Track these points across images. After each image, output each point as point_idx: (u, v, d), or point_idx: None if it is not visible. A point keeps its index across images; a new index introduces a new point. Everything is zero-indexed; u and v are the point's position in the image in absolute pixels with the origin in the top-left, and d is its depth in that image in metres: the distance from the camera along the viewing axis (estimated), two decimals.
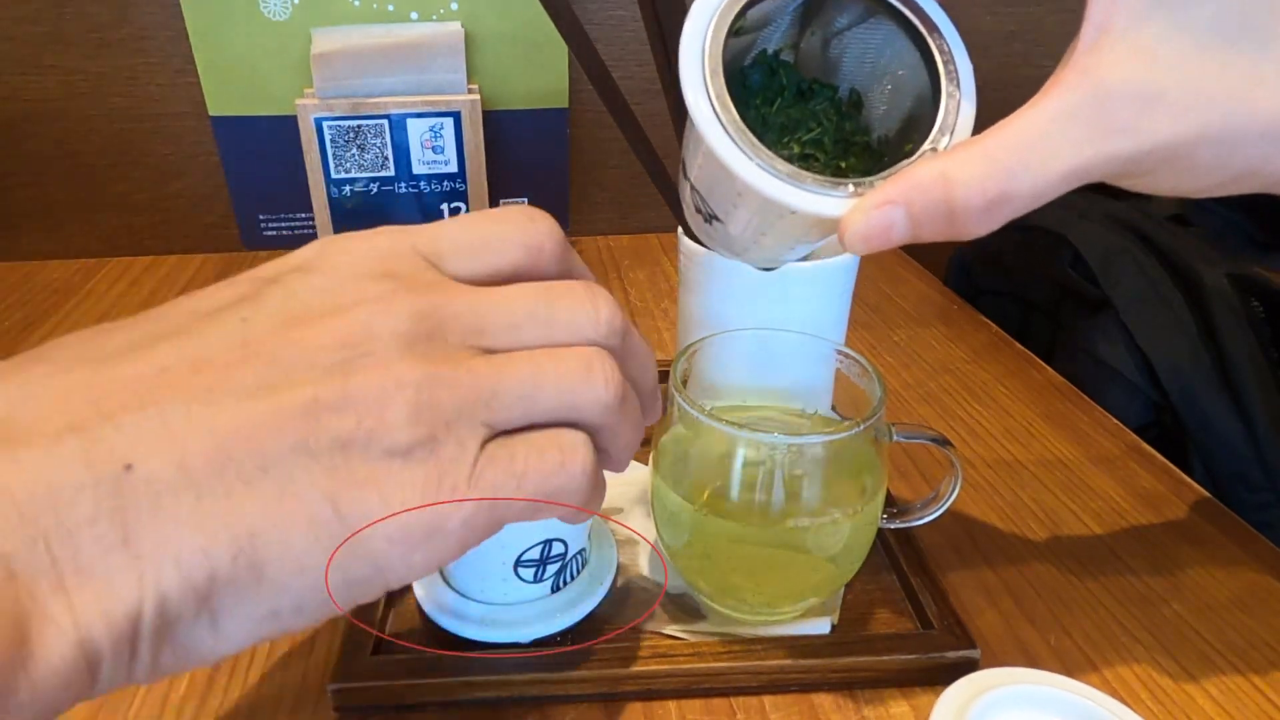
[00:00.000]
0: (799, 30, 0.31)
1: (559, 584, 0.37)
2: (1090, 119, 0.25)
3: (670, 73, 0.38)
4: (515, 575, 0.35)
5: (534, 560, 0.35)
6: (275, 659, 0.36)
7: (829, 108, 0.31)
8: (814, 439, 0.34)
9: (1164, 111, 0.25)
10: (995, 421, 0.54)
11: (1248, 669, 0.36)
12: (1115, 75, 0.25)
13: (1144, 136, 0.25)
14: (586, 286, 0.27)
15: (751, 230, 0.31)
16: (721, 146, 0.26)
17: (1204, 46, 0.25)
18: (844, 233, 0.26)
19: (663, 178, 0.43)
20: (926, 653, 0.35)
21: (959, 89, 0.28)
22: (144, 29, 0.73)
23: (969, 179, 0.25)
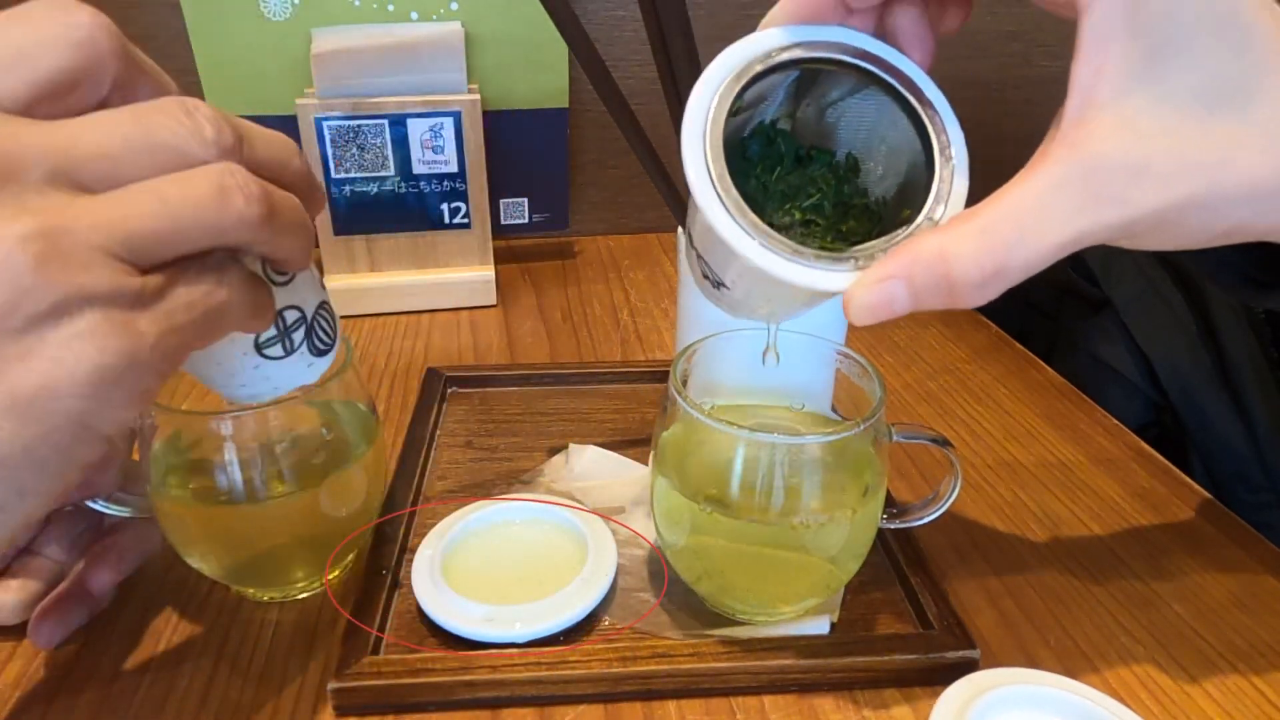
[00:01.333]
0: (794, 102, 0.32)
1: (315, 345, 0.34)
2: (1080, 191, 0.25)
3: (670, 73, 0.38)
4: (263, 357, 0.33)
5: (274, 337, 0.32)
6: (275, 659, 0.36)
7: (827, 173, 0.32)
8: (814, 439, 0.34)
9: (1151, 181, 0.25)
10: (995, 421, 0.54)
11: (1247, 669, 0.36)
12: (1102, 148, 0.25)
13: (1133, 206, 0.25)
14: (179, 102, 0.24)
15: (759, 297, 0.32)
16: (725, 228, 0.27)
17: (1186, 115, 0.25)
18: (849, 307, 0.27)
19: (663, 178, 0.43)
20: (926, 653, 0.35)
21: (952, 159, 0.29)
22: (144, 29, 0.73)
23: (966, 254, 0.26)
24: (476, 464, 0.49)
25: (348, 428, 0.39)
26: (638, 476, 0.47)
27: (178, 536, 0.37)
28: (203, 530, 0.37)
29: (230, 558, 0.37)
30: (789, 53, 0.29)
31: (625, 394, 0.56)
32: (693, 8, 0.36)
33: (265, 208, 0.25)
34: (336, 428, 0.38)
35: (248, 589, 0.39)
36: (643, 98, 0.59)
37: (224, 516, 0.36)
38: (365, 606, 0.37)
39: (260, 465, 0.35)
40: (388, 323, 0.67)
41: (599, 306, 0.70)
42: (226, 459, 0.35)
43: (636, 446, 0.50)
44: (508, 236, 0.80)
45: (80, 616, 0.36)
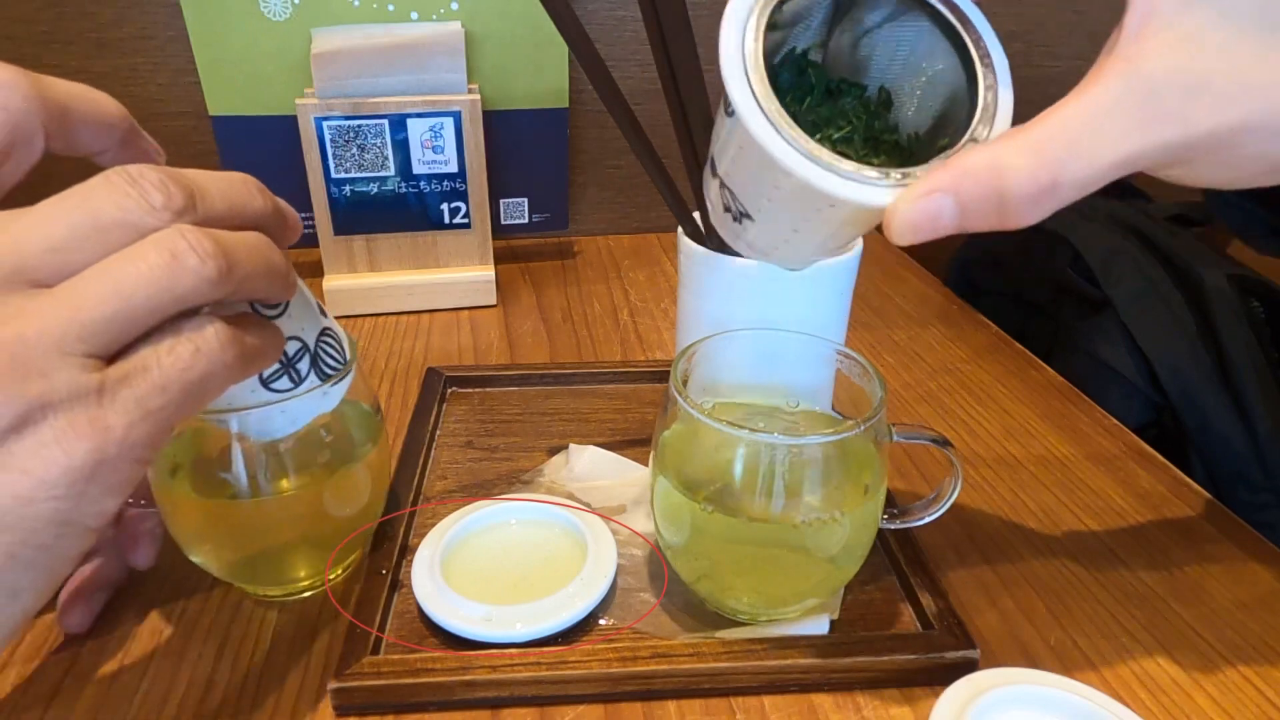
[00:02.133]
0: (828, 29, 0.31)
1: (324, 371, 0.34)
2: (1137, 108, 0.25)
3: (670, 73, 0.38)
4: (272, 392, 0.33)
5: (278, 370, 0.32)
6: (275, 659, 0.36)
7: (858, 106, 0.31)
8: (814, 439, 0.34)
9: (1210, 100, 0.25)
10: (995, 421, 0.54)
11: (1247, 669, 0.36)
12: (1160, 64, 0.25)
13: (1191, 125, 0.25)
14: (122, 173, 0.24)
15: (785, 226, 0.30)
16: (766, 135, 0.26)
17: (1247, 35, 0.25)
18: (891, 222, 0.26)
19: (663, 178, 0.43)
20: (926, 653, 0.35)
21: (996, 78, 0.27)
22: (144, 29, 0.73)
23: (1020, 167, 0.25)
24: (476, 464, 0.49)
25: (352, 427, 0.39)
26: (638, 476, 0.47)
27: (182, 533, 0.37)
28: (207, 527, 0.37)
29: (233, 555, 0.37)
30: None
31: (625, 394, 0.56)
32: (693, 8, 0.36)
33: (221, 261, 0.24)
34: (341, 427, 0.38)
35: (250, 587, 0.39)
36: (643, 98, 0.59)
37: (228, 513, 0.36)
38: (365, 606, 0.37)
39: (265, 463, 0.35)
40: (388, 323, 0.67)
41: (599, 306, 0.70)
42: (232, 457, 0.35)
43: (636, 446, 0.50)
44: (508, 236, 0.81)
45: (103, 598, 0.37)
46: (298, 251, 0.69)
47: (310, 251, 0.68)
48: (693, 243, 0.43)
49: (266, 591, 0.39)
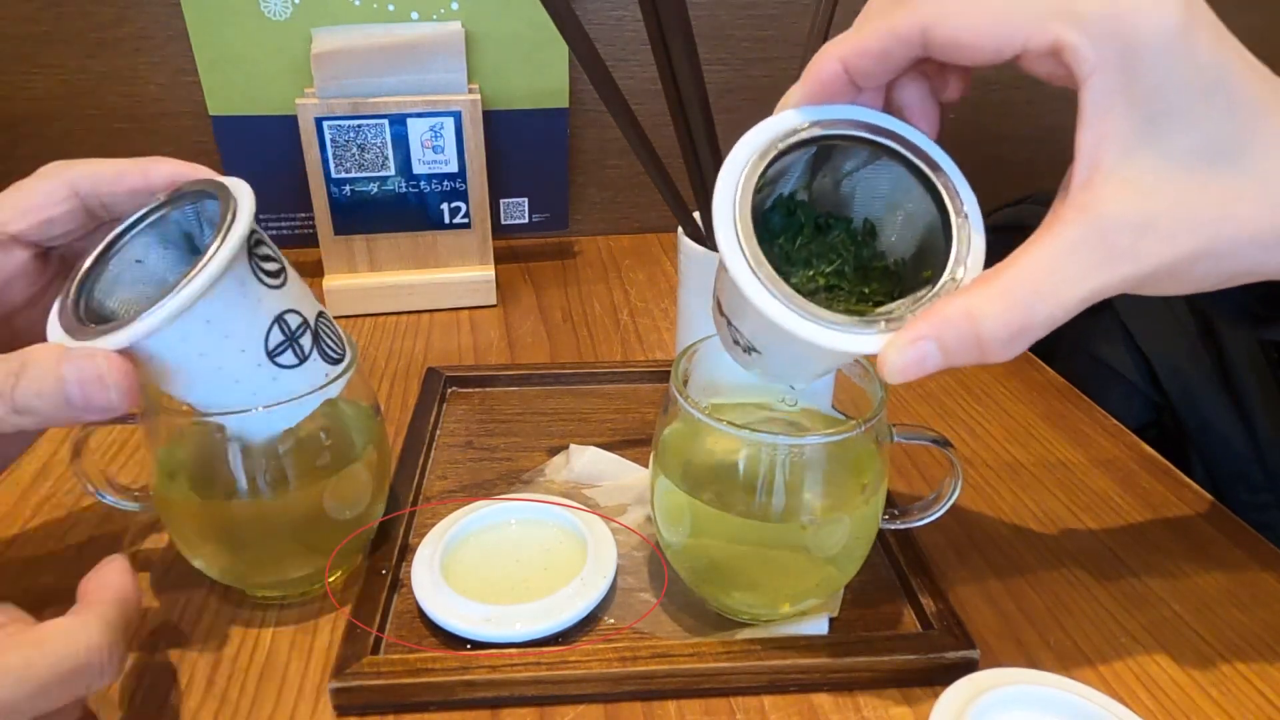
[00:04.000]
0: (811, 175, 0.33)
1: (327, 353, 0.35)
2: (1094, 250, 0.27)
3: (670, 73, 0.38)
4: (277, 366, 0.33)
5: (282, 342, 0.33)
6: (275, 659, 0.36)
7: (846, 238, 0.33)
8: (814, 439, 0.34)
9: (1158, 236, 0.27)
10: (995, 421, 0.54)
11: (1247, 669, 0.36)
12: (1110, 209, 0.27)
13: (1144, 261, 0.27)
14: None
15: (790, 361, 0.33)
16: (763, 302, 0.28)
17: (1186, 174, 0.27)
18: (883, 367, 0.28)
19: (663, 178, 0.43)
20: (926, 653, 0.35)
21: (968, 221, 0.30)
22: (144, 29, 0.73)
23: (993, 314, 0.27)
24: (476, 464, 0.49)
25: (351, 427, 0.39)
26: (638, 477, 0.47)
27: (181, 535, 0.37)
28: (206, 529, 0.37)
29: (233, 557, 0.37)
30: (807, 131, 0.30)
31: (625, 394, 0.56)
32: (693, 8, 0.36)
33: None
34: (340, 428, 0.38)
35: (250, 588, 0.39)
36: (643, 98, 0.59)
37: (227, 515, 0.36)
38: (365, 606, 0.37)
39: (264, 465, 0.35)
40: (388, 322, 0.67)
41: (599, 306, 0.70)
42: (230, 459, 0.35)
43: (636, 446, 0.50)
44: (508, 236, 0.81)
45: None
46: (298, 251, 0.69)
47: (310, 251, 0.68)
48: (693, 243, 0.43)
49: (266, 593, 0.39)
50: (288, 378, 0.33)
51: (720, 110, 0.39)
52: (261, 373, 0.33)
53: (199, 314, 0.30)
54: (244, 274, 0.32)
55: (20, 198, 0.34)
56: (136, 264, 0.34)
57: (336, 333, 0.36)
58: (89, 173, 0.34)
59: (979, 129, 0.88)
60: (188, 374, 0.32)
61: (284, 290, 0.33)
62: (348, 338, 0.37)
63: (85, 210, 0.35)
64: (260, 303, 0.32)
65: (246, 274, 0.32)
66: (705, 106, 0.38)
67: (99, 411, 0.29)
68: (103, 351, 0.29)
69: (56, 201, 0.34)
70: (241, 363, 0.32)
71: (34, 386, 0.29)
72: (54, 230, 0.35)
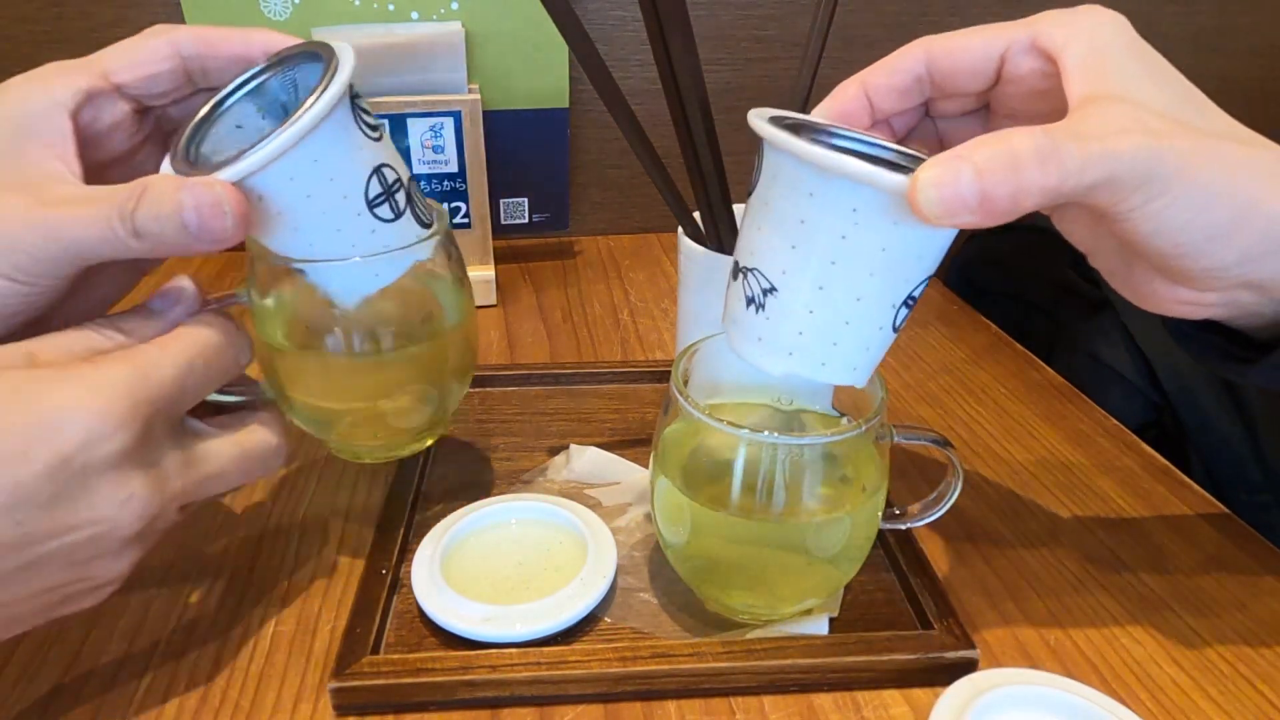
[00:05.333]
0: None
1: (419, 215, 0.36)
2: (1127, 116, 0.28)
3: (670, 73, 0.38)
4: (376, 218, 0.34)
5: (381, 194, 0.34)
6: (275, 659, 0.36)
7: None
8: (814, 439, 0.34)
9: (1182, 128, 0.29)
10: (995, 422, 0.54)
11: (1247, 669, 0.36)
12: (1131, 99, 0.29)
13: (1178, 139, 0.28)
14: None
15: (814, 274, 0.30)
16: (796, 144, 0.28)
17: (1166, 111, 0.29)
18: (916, 193, 0.27)
19: (663, 178, 0.43)
20: (926, 653, 0.35)
21: None
22: (144, 29, 0.73)
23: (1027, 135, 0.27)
24: (476, 464, 0.49)
25: (443, 294, 0.40)
26: (638, 477, 0.47)
27: (276, 382, 0.39)
28: (305, 379, 0.38)
29: (330, 408, 0.39)
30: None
31: (625, 394, 0.56)
32: (693, 7, 0.36)
33: None
34: (433, 294, 0.40)
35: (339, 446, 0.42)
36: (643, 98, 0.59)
37: (327, 366, 0.38)
38: (365, 606, 0.37)
39: (363, 320, 0.37)
40: None
41: (599, 306, 0.70)
42: (339, 315, 0.37)
43: (636, 446, 0.50)
44: (508, 236, 0.80)
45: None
46: None
47: None
48: (693, 243, 0.43)
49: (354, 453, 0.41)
50: (384, 232, 0.35)
51: (720, 110, 0.39)
52: (361, 222, 0.34)
53: (307, 150, 0.32)
54: (347, 119, 0.33)
55: (128, 51, 0.34)
56: (236, 129, 0.35)
57: (425, 201, 0.37)
58: (194, 35, 0.35)
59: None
60: (294, 217, 0.33)
61: (381, 144, 0.35)
62: (436, 206, 0.38)
63: (185, 72, 0.35)
64: (361, 149, 0.34)
65: (349, 119, 0.33)
66: (705, 106, 0.38)
67: (212, 240, 0.30)
68: (219, 180, 0.30)
69: (161, 59, 0.34)
70: (344, 210, 0.33)
71: (153, 210, 0.29)
72: (155, 87, 0.35)
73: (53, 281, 0.31)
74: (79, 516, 0.28)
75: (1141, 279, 0.33)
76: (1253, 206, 0.29)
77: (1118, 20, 0.31)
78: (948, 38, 0.34)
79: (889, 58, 0.35)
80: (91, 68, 0.34)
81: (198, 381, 0.31)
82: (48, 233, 0.29)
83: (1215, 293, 0.32)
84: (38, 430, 0.27)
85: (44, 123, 0.32)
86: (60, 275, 0.31)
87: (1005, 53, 0.33)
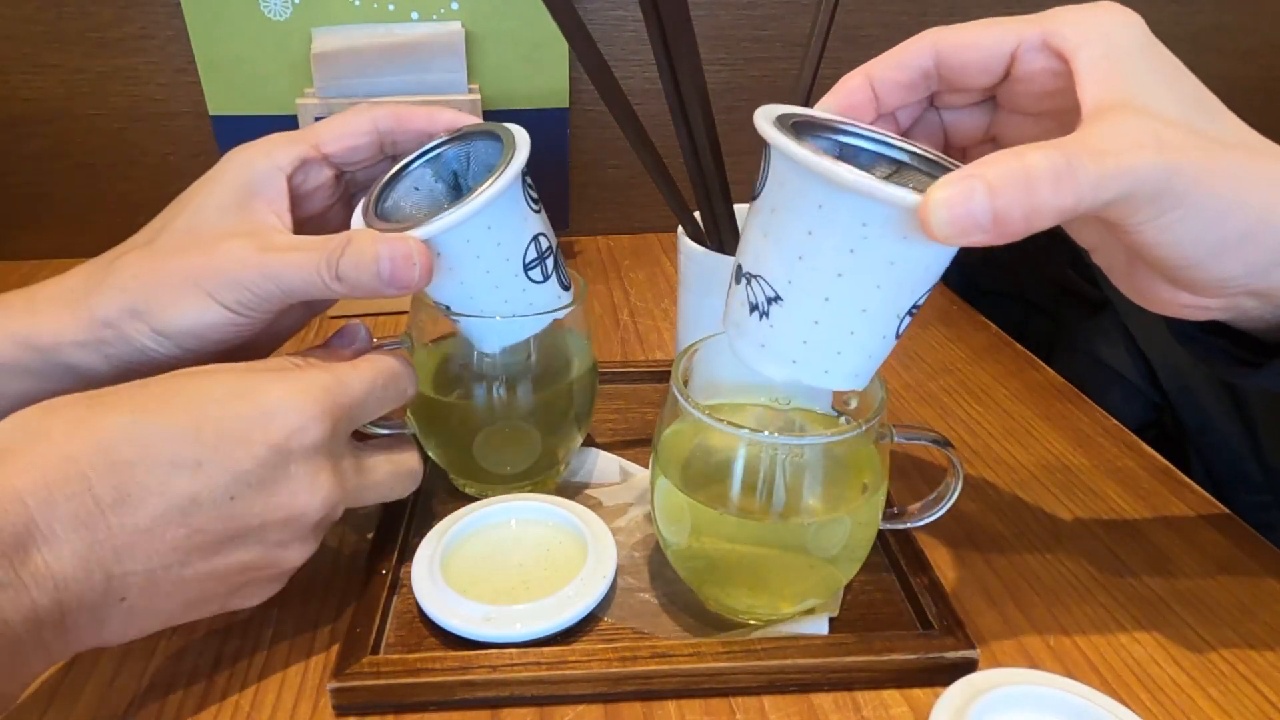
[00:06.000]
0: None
1: (561, 279, 0.41)
2: (1141, 130, 0.27)
3: (671, 72, 0.38)
4: (529, 279, 0.39)
5: (535, 259, 0.39)
6: (275, 658, 0.36)
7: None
8: (815, 439, 0.34)
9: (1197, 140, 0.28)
10: (995, 422, 0.54)
11: (1247, 669, 0.36)
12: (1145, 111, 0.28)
13: (1190, 153, 0.27)
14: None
15: (821, 285, 0.30)
16: (804, 155, 0.27)
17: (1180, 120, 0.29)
18: (927, 207, 0.26)
19: (663, 177, 0.42)
20: (926, 653, 0.35)
21: None
22: (144, 29, 0.73)
23: (1041, 153, 0.26)
24: None
25: (573, 351, 0.45)
26: (638, 477, 0.47)
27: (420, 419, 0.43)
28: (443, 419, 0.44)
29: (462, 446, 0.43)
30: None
31: (625, 394, 0.56)
32: (693, 7, 0.36)
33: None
34: (566, 350, 0.45)
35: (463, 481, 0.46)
36: (643, 98, 0.59)
37: (465, 410, 0.43)
38: (365, 606, 0.37)
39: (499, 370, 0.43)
40: (388, 323, 0.67)
41: (599, 306, 0.70)
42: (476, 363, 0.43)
43: (636, 446, 0.50)
44: None
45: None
46: None
47: None
48: (693, 243, 0.43)
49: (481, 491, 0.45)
50: (533, 292, 0.40)
51: (720, 110, 0.39)
52: (516, 282, 0.39)
53: (484, 218, 0.36)
54: (518, 193, 0.38)
55: (336, 127, 0.40)
56: (414, 190, 0.40)
57: (566, 269, 0.42)
58: (390, 113, 0.40)
59: None
60: (461, 273, 0.38)
61: (540, 216, 0.40)
62: (577, 275, 0.43)
63: (378, 145, 0.41)
64: (525, 220, 0.38)
65: (520, 194, 0.38)
66: (706, 105, 0.38)
67: (400, 287, 0.35)
68: (412, 236, 0.35)
69: (361, 133, 0.40)
70: (504, 270, 0.38)
71: (354, 259, 0.34)
72: (355, 156, 0.40)
73: (262, 315, 0.36)
74: (279, 499, 0.32)
75: (1144, 280, 0.33)
76: (1263, 220, 0.29)
77: (1132, 20, 0.30)
78: (956, 32, 0.33)
79: (895, 51, 0.34)
80: (307, 139, 0.39)
81: (377, 400, 0.36)
82: (267, 273, 0.34)
83: (1219, 299, 0.32)
84: (259, 419, 0.32)
85: (266, 183, 0.38)
86: (270, 310, 0.36)
87: (1016, 50, 0.32)
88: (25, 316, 0.35)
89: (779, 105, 0.32)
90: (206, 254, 0.35)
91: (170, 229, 0.37)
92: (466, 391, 0.44)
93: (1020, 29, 0.32)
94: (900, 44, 0.34)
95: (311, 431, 0.32)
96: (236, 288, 0.34)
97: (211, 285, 0.34)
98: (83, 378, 0.35)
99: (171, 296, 0.34)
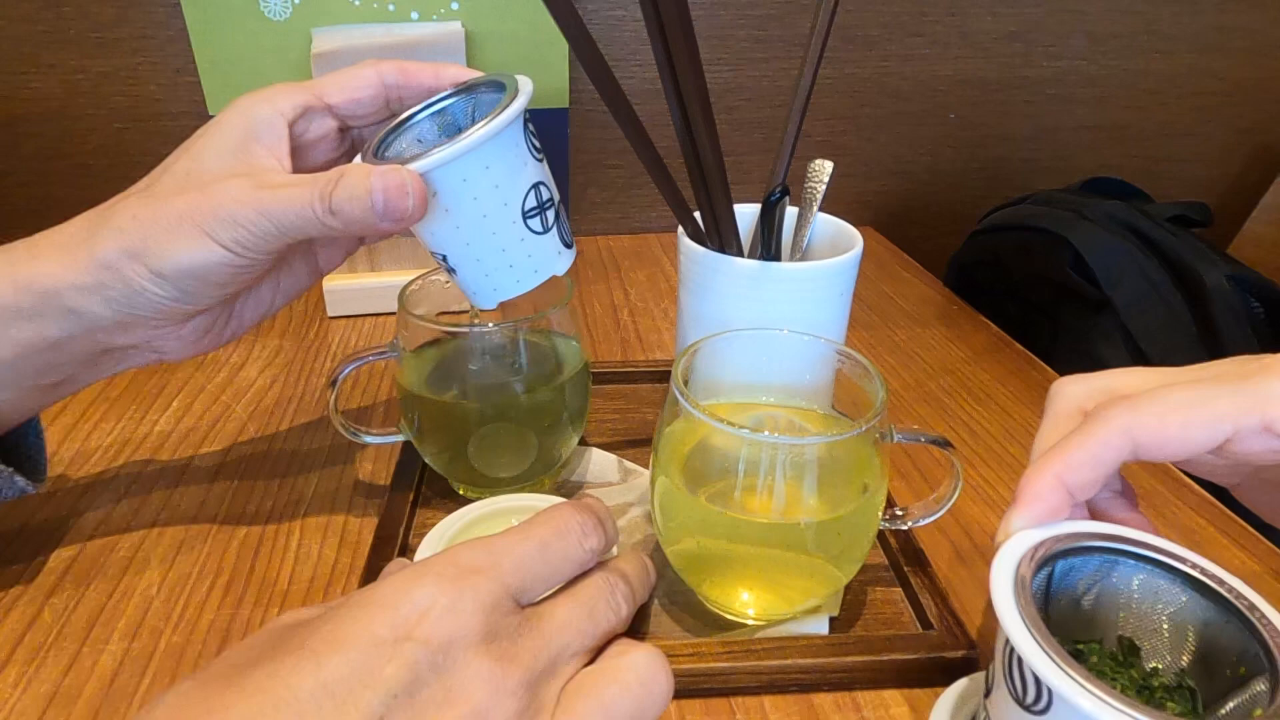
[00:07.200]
0: (1045, 598, 0.31)
1: (563, 235, 0.40)
2: None
3: (670, 72, 0.38)
4: (527, 228, 0.38)
5: (535, 208, 0.38)
6: None
7: (1108, 662, 0.30)
8: (814, 439, 0.34)
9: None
10: (995, 422, 0.54)
11: None
12: None
13: None
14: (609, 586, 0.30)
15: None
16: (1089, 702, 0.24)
17: None
18: None
19: (663, 177, 0.42)
20: (926, 653, 0.35)
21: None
22: (144, 29, 0.73)
23: None
24: None
25: (563, 354, 0.45)
26: (639, 482, 0.47)
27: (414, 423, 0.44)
28: (438, 422, 0.44)
29: (457, 448, 0.43)
30: (1058, 544, 0.29)
31: (625, 394, 0.56)
32: (693, 7, 0.36)
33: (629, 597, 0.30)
34: (555, 352, 0.45)
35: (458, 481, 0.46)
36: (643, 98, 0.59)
37: (458, 411, 0.43)
38: None
39: (490, 372, 0.43)
40: (388, 323, 0.67)
41: (599, 306, 0.70)
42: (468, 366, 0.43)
43: (636, 446, 0.50)
44: None
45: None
46: None
47: None
48: (693, 243, 0.43)
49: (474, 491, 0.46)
50: (532, 242, 0.38)
51: (720, 110, 0.39)
52: (514, 230, 0.38)
53: (481, 157, 0.35)
54: (518, 137, 0.37)
55: (340, 78, 0.40)
56: (418, 142, 0.40)
57: (569, 226, 0.41)
58: (396, 67, 0.40)
59: (979, 129, 0.88)
60: (458, 215, 0.37)
61: (542, 165, 0.39)
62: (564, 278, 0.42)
63: (384, 99, 0.40)
64: (525, 166, 0.38)
65: (520, 138, 0.37)
66: (706, 105, 0.38)
67: (395, 219, 0.34)
68: (405, 168, 0.35)
69: (366, 86, 0.40)
70: (502, 216, 0.37)
71: (347, 191, 0.34)
72: (359, 109, 0.40)
73: (261, 256, 0.35)
74: None
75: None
76: None
77: None
78: (1158, 422, 0.28)
79: (1082, 444, 0.29)
80: (310, 89, 0.39)
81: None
82: (262, 209, 0.34)
83: None
84: None
85: (267, 128, 0.37)
86: (267, 250, 0.35)
87: (1232, 435, 0.28)
88: (26, 261, 0.35)
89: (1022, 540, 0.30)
90: (203, 193, 0.35)
91: (170, 172, 0.37)
92: (458, 395, 0.44)
93: (1235, 416, 0.28)
94: (1083, 431, 0.30)
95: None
96: (232, 225, 0.34)
97: (208, 224, 0.34)
98: (84, 321, 0.35)
99: (168, 236, 0.34)
